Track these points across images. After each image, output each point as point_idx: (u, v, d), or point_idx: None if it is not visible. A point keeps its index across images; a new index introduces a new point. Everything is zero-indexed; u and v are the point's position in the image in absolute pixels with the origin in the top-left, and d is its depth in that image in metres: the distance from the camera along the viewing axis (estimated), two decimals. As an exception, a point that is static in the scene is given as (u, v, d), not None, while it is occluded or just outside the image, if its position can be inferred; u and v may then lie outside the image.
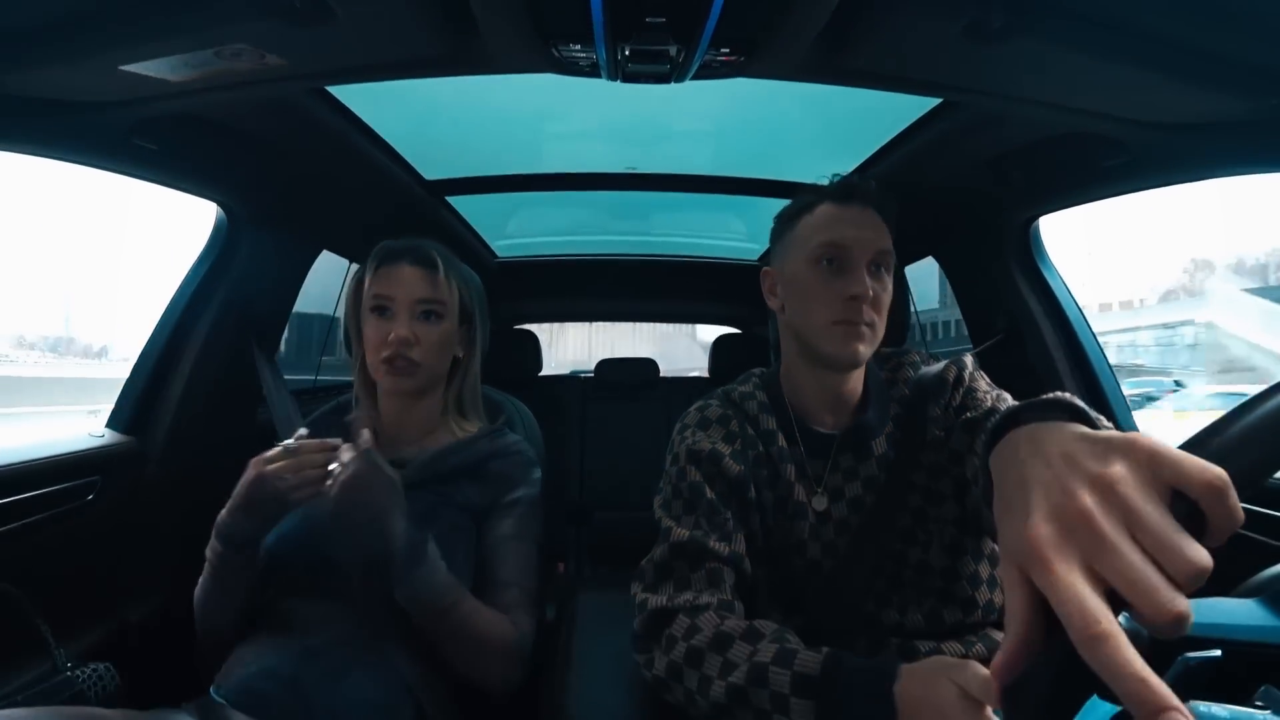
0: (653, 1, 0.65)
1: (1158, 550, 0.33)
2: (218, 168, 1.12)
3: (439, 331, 1.05)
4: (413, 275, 1.04)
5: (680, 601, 0.81)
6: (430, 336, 1.04)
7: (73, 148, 0.94)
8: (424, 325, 1.04)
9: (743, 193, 1.79)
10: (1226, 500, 0.34)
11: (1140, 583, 0.33)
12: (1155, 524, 0.34)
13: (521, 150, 1.65)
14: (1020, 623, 0.36)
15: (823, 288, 0.89)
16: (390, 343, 1.01)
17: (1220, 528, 0.34)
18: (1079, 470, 0.38)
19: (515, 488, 1.06)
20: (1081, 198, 1.21)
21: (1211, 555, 0.34)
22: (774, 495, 0.92)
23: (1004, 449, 0.47)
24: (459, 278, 1.08)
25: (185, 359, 1.26)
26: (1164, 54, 0.70)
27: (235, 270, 1.29)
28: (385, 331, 1.01)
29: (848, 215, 0.90)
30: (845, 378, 0.94)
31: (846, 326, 0.87)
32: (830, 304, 0.88)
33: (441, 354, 1.06)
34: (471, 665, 0.91)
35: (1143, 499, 0.35)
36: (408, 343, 1.01)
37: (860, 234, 0.88)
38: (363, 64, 0.83)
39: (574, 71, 0.82)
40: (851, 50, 0.77)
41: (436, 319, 1.05)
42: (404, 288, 1.03)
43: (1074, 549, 0.35)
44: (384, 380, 1.04)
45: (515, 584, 0.99)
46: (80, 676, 0.96)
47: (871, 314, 0.88)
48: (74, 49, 0.71)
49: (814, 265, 0.90)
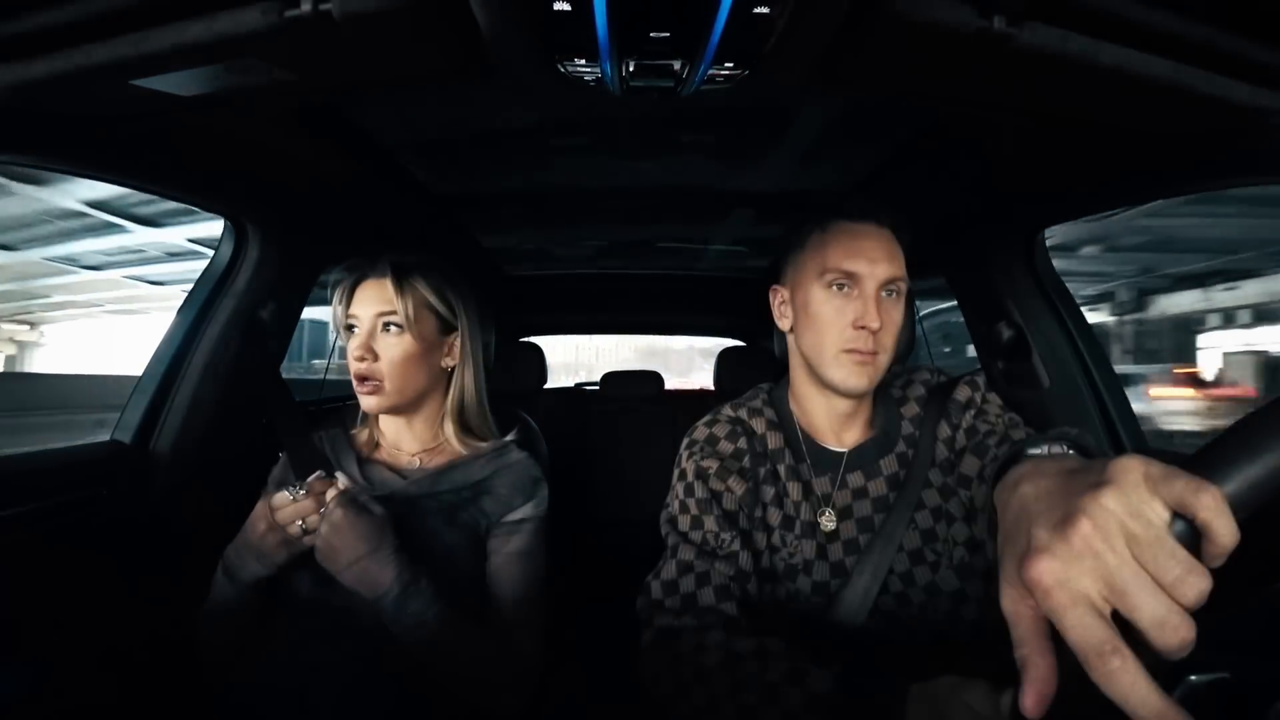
0: (657, 17, 0.65)
1: (1160, 573, 0.34)
2: (227, 181, 1.13)
3: (402, 344, 1.01)
4: (372, 289, 1.02)
5: (687, 619, 0.80)
6: (392, 350, 1.01)
7: (84, 162, 0.95)
8: (385, 338, 1.01)
9: (747, 206, 1.79)
10: (1222, 517, 0.34)
11: (1150, 612, 0.33)
12: (1155, 548, 0.35)
13: (527, 165, 1.66)
14: (1036, 653, 0.37)
15: (833, 314, 0.88)
16: (353, 360, 1.00)
17: (1218, 545, 0.34)
18: (1077, 500, 0.38)
19: (520, 506, 1.04)
20: (1087, 208, 1.20)
21: (1221, 567, 0.34)
22: (781, 513, 0.91)
23: (1007, 483, 0.48)
24: (428, 285, 1.05)
25: (193, 368, 1.27)
26: (1169, 64, 0.70)
27: (243, 282, 1.30)
28: (352, 350, 1.01)
29: (861, 238, 0.88)
30: (854, 400, 0.93)
31: (854, 356, 0.86)
32: (840, 332, 0.87)
33: (409, 367, 1.02)
34: (475, 691, 0.90)
35: (1141, 524, 0.35)
36: (364, 359, 0.99)
37: (873, 261, 0.87)
38: (370, 78, 0.84)
39: (578, 85, 0.82)
40: (856, 62, 0.77)
41: (398, 330, 1.01)
42: (364, 304, 1.02)
43: (1078, 578, 0.36)
44: (360, 400, 1.02)
45: (519, 604, 0.98)
46: (85, 685, 0.96)
47: (881, 342, 0.86)
48: (84, 64, 0.72)
49: (824, 290, 0.89)
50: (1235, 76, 0.72)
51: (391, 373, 1.00)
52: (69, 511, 1.07)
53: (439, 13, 0.70)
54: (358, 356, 0.99)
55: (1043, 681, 0.36)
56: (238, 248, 1.31)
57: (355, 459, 1.05)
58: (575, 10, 0.63)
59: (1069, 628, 0.34)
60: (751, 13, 0.63)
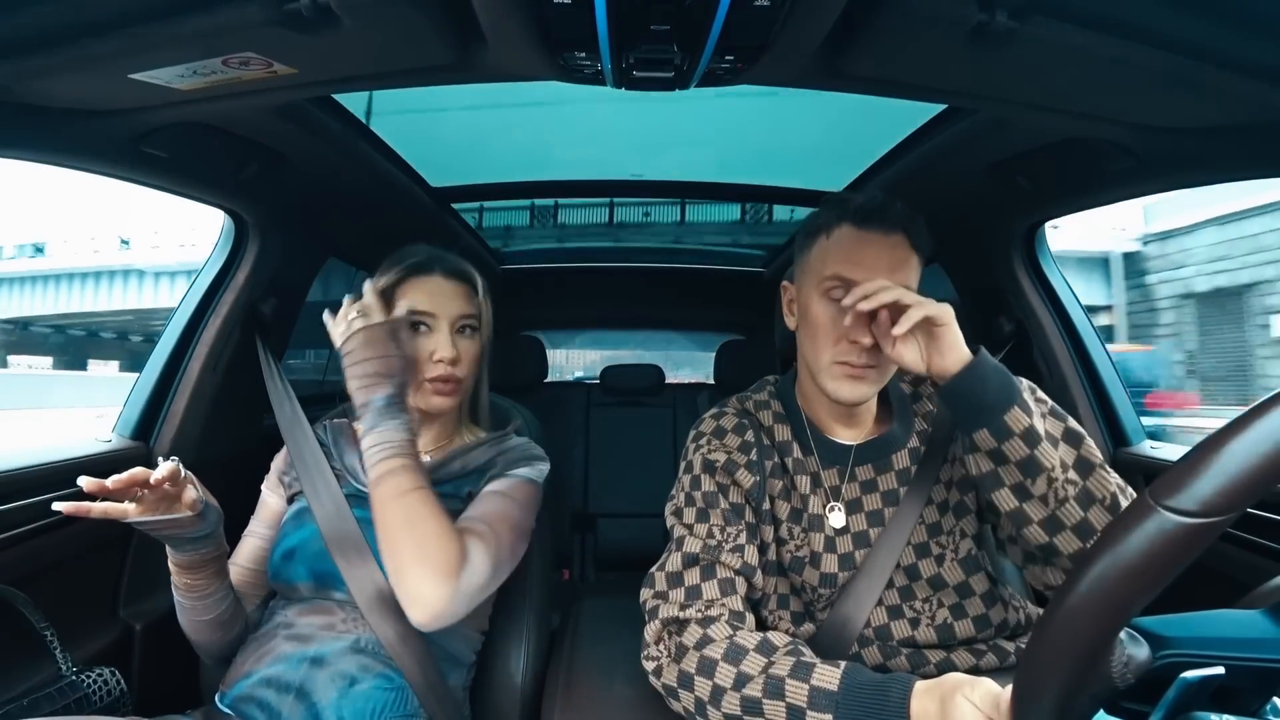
0: (657, 10, 0.65)
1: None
2: (226, 175, 1.13)
3: (478, 347, 1.03)
4: (452, 290, 1.01)
5: (692, 611, 0.80)
6: (471, 352, 1.02)
7: (82, 155, 0.94)
8: (465, 341, 1.01)
9: (747, 199, 1.79)
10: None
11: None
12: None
13: (527, 158, 1.66)
14: None
15: (830, 323, 0.86)
16: (436, 362, 0.97)
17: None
18: None
19: (517, 466, 1.02)
20: (1087, 202, 1.20)
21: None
22: (789, 506, 0.91)
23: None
24: (485, 287, 1.06)
25: (193, 365, 1.26)
26: (1170, 58, 0.70)
27: (243, 276, 1.30)
28: (426, 349, 0.97)
29: (865, 245, 0.85)
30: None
31: (845, 369, 0.85)
32: (835, 342, 0.85)
33: (478, 369, 1.05)
34: (410, 561, 0.81)
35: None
36: (455, 361, 0.98)
37: (873, 270, 0.82)
38: (370, 72, 0.84)
39: (579, 79, 0.82)
40: (856, 57, 0.77)
41: (474, 333, 1.03)
42: (444, 302, 0.99)
43: None
44: (428, 400, 0.99)
45: (483, 523, 0.91)
46: (85, 682, 0.96)
47: (876, 356, 0.84)
48: (83, 57, 0.72)
49: (823, 297, 0.87)
50: (1237, 71, 0.71)
51: (468, 374, 1.02)
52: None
53: (438, 6, 0.69)
54: (447, 359, 0.97)
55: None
56: (237, 243, 1.31)
57: (358, 454, 1.05)
58: (575, 3, 0.63)
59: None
60: (752, 6, 0.63)
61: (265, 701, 0.84)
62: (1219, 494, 0.36)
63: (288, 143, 1.08)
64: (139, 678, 1.09)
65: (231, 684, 0.88)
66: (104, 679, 0.99)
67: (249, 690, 0.86)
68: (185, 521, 0.80)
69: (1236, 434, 0.37)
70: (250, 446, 1.33)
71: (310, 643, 0.88)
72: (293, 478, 1.03)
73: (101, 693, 0.97)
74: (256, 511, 1.05)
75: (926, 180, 1.30)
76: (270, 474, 1.07)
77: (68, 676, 0.95)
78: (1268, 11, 0.65)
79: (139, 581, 1.17)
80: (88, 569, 1.11)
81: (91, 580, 1.12)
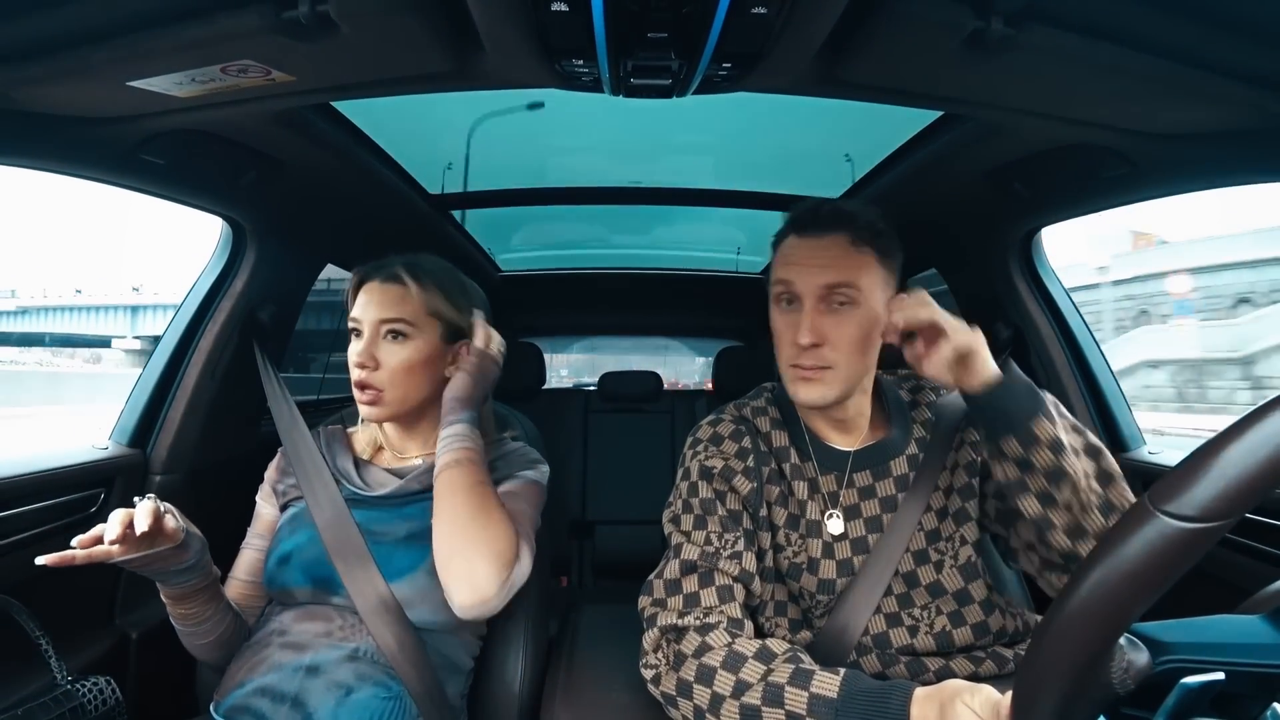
0: (655, 17, 0.65)
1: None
2: (224, 182, 1.13)
3: (406, 352, 0.97)
4: (379, 294, 0.98)
5: (690, 618, 0.80)
6: (394, 358, 0.97)
7: (80, 162, 0.94)
8: (390, 346, 0.97)
9: (744, 206, 1.79)
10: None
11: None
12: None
13: (525, 165, 1.66)
14: None
15: (782, 329, 0.88)
16: (354, 367, 0.97)
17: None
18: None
19: (524, 469, 1.02)
20: (1083, 209, 1.21)
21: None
22: (786, 513, 0.91)
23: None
24: (441, 291, 1.02)
25: (190, 372, 1.26)
26: (1165, 64, 0.71)
27: (241, 283, 1.30)
28: (353, 357, 0.98)
29: (801, 249, 0.87)
30: (842, 405, 0.91)
31: (798, 371, 0.86)
32: (788, 346, 0.87)
33: (412, 377, 0.98)
34: (473, 546, 0.85)
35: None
36: (365, 366, 0.96)
37: (805, 271, 0.85)
38: (368, 80, 0.84)
39: (577, 86, 0.82)
40: (852, 63, 0.77)
41: (403, 339, 0.98)
42: (370, 308, 0.98)
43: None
44: (359, 408, 0.99)
45: (517, 523, 0.93)
46: (80, 690, 0.95)
47: (826, 356, 0.84)
48: (82, 65, 0.72)
49: (776, 303, 0.90)
50: (1231, 76, 0.72)
51: (393, 381, 0.97)
52: (68, 513, 1.07)
53: (436, 14, 0.70)
54: (358, 364, 0.96)
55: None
56: (235, 249, 1.31)
57: (353, 460, 1.04)
58: (573, 10, 0.63)
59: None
60: (749, 13, 0.63)
61: (260, 711, 0.83)
62: (1218, 499, 0.36)
63: (286, 150, 1.08)
64: (135, 687, 1.08)
65: (226, 693, 0.87)
66: (99, 688, 0.98)
67: (243, 700, 0.85)
68: (168, 554, 0.81)
69: (1235, 439, 0.37)
70: (248, 453, 1.32)
71: (306, 651, 0.88)
72: (287, 486, 1.03)
73: (96, 702, 0.96)
74: (252, 524, 1.05)
75: (923, 186, 1.31)
76: (264, 484, 1.07)
77: (63, 685, 0.94)
78: (1261, 17, 0.66)
79: (135, 590, 1.17)
80: (84, 577, 1.10)
81: (87, 588, 1.12)
